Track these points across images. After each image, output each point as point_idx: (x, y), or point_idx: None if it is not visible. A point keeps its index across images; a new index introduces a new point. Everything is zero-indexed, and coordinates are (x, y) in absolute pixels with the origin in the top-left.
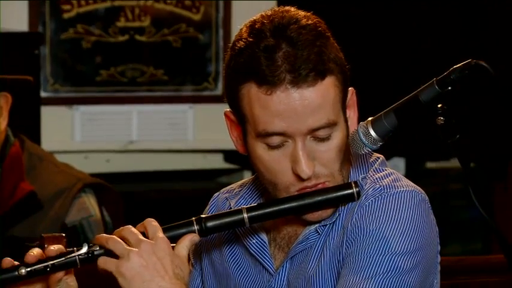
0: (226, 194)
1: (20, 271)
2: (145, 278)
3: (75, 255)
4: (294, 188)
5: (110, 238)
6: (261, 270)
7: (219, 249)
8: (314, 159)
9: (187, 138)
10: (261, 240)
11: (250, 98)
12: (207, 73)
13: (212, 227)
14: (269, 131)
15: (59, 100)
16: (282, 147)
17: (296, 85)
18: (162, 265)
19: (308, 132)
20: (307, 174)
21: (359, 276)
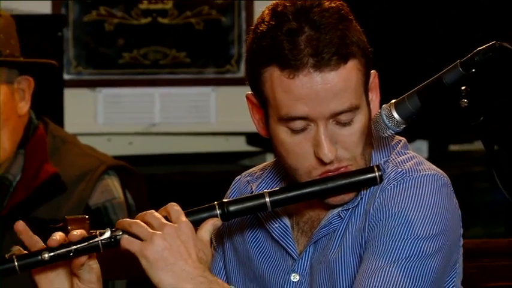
0: (248, 177)
1: (43, 256)
2: (169, 261)
3: (98, 240)
4: (316, 172)
5: (133, 222)
6: (283, 255)
7: (241, 233)
8: (336, 143)
9: (210, 120)
10: (283, 225)
11: (273, 82)
12: (230, 55)
13: (234, 212)
14: (292, 116)
15: (82, 83)
16: (304, 131)
17: (319, 69)
18: (185, 249)
19: (330, 116)
20: (329, 158)
21: (381, 260)
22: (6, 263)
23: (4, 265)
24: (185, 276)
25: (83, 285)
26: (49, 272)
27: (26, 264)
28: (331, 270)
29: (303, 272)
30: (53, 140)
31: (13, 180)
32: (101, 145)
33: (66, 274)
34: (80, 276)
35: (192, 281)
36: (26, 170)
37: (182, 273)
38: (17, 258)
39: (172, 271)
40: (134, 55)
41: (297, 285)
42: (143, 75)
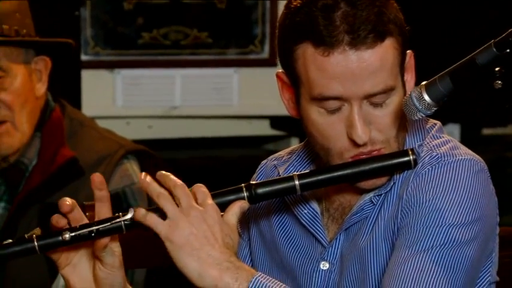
0: (275, 161)
1: (64, 236)
2: (195, 246)
3: (120, 220)
4: (348, 154)
5: (162, 194)
6: (312, 242)
7: (267, 218)
8: (370, 124)
9: (232, 103)
10: (312, 211)
11: (306, 59)
12: (253, 35)
13: (262, 194)
14: (325, 95)
15: (100, 63)
16: (337, 111)
17: (354, 47)
18: (211, 233)
19: (365, 96)
20: (362, 139)
21: (414, 248)
22: (26, 243)
23: (24, 245)
24: (211, 261)
25: (105, 269)
26: (71, 253)
27: (46, 244)
28: (362, 258)
29: (333, 260)
30: (70, 123)
31: (29, 165)
32: (120, 128)
33: (88, 257)
34: (102, 259)
35: (218, 267)
36: (43, 154)
37: (208, 258)
38: (37, 238)
39: (198, 256)
40: (154, 35)
41: (326, 274)
42: (163, 56)
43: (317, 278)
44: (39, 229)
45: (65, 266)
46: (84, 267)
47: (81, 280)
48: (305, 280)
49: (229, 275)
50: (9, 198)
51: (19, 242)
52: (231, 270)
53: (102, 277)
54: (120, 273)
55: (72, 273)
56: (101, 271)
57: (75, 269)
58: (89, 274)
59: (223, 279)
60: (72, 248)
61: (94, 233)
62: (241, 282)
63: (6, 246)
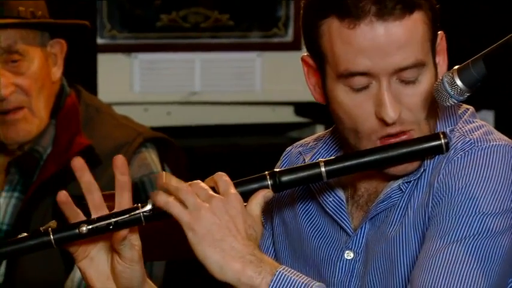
0: (300, 148)
1: (81, 229)
2: (217, 237)
3: (139, 212)
4: (377, 135)
5: (181, 188)
6: (337, 231)
7: (291, 207)
8: (400, 103)
9: (255, 89)
10: (338, 198)
11: (331, 34)
12: (277, 18)
13: (287, 182)
14: (352, 71)
15: (117, 47)
16: (365, 89)
17: (382, 18)
18: (234, 224)
19: (394, 71)
20: (392, 118)
21: (446, 238)
22: (41, 237)
23: (39, 239)
24: (234, 254)
25: (124, 263)
26: (88, 246)
27: (63, 237)
28: (391, 249)
29: (357, 250)
30: (86, 109)
31: (43, 153)
32: (137, 115)
33: (106, 250)
34: (121, 253)
35: (241, 260)
36: (58, 142)
37: (231, 250)
38: (52, 231)
39: (219, 248)
40: (173, 17)
41: (351, 263)
42: (183, 39)
43: (341, 268)
44: (54, 222)
45: (82, 259)
46: (102, 261)
47: (98, 274)
48: (328, 269)
49: (252, 268)
50: (23, 188)
51: (34, 236)
52: (254, 264)
53: (120, 271)
54: (139, 268)
55: (89, 266)
56: (119, 265)
57: (92, 262)
58: (107, 268)
59: (246, 273)
60: (90, 241)
61: (112, 226)
62: (265, 275)
63: (21, 241)
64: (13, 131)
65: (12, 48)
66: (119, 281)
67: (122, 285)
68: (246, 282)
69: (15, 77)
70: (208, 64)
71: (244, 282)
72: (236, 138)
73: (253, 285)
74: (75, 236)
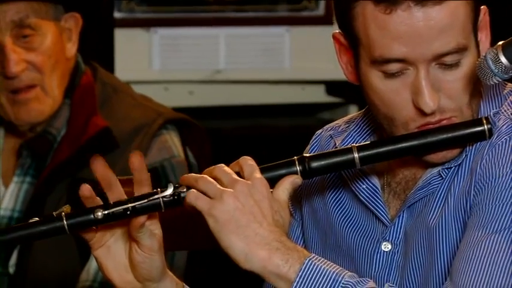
0: (331, 131)
1: (96, 214)
2: (241, 223)
3: (159, 197)
4: (414, 124)
5: (200, 177)
6: (372, 221)
7: (321, 195)
8: (439, 91)
9: (283, 66)
10: (372, 186)
11: (366, 18)
12: None
13: (317, 168)
14: (387, 57)
15: (135, 22)
16: (401, 75)
17: (420, 3)
18: (259, 209)
19: (433, 58)
20: (430, 108)
21: (489, 228)
22: (54, 222)
23: (51, 224)
24: (259, 240)
25: (143, 252)
26: (105, 234)
27: (77, 223)
28: (430, 238)
29: (395, 241)
30: (102, 88)
31: (57, 135)
32: (157, 95)
33: (124, 239)
34: (140, 241)
35: (267, 247)
36: (72, 123)
37: (255, 237)
38: (66, 216)
39: (244, 235)
40: None
41: (388, 256)
42: (206, 13)
43: (378, 260)
44: (68, 206)
45: (98, 248)
46: (120, 250)
47: (115, 264)
48: (364, 262)
49: (279, 256)
50: (36, 172)
51: (46, 221)
52: (281, 251)
53: (139, 261)
54: (159, 257)
55: (106, 255)
56: (137, 254)
57: (109, 252)
58: (125, 258)
59: (272, 261)
60: (107, 228)
61: (129, 211)
62: (293, 264)
63: (32, 225)
64: (24, 111)
65: (24, 22)
66: (137, 271)
67: (141, 277)
68: (273, 271)
69: (27, 53)
70: (234, 40)
71: (270, 270)
72: (263, 120)
73: (280, 274)
74: (90, 221)
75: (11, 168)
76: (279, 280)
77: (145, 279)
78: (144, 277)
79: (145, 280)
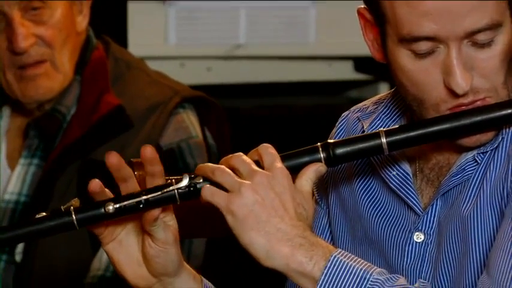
0: (358, 113)
1: (107, 208)
2: (261, 217)
3: (173, 188)
4: (446, 105)
5: (217, 168)
6: (403, 210)
7: (349, 182)
8: (472, 70)
9: (308, 41)
10: (403, 172)
11: None
12: None
13: (342, 155)
14: (416, 35)
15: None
16: (431, 54)
17: None
18: (281, 202)
19: (465, 35)
20: (463, 88)
21: None
22: (62, 217)
23: (59, 219)
24: (281, 236)
25: (157, 246)
26: (116, 227)
27: (86, 218)
28: (464, 228)
29: (429, 231)
30: (115, 64)
31: (67, 114)
32: (173, 71)
33: (136, 232)
34: (154, 234)
35: (289, 243)
36: (83, 101)
37: (277, 233)
38: (75, 210)
39: (264, 230)
40: None
41: (421, 247)
42: None
43: (410, 252)
44: (77, 200)
45: (109, 242)
46: (132, 244)
47: (128, 258)
48: (395, 254)
49: (303, 252)
50: (44, 154)
51: (54, 216)
52: (304, 247)
53: (152, 255)
54: (175, 250)
55: (117, 250)
56: (151, 248)
57: (121, 246)
58: (138, 252)
59: (295, 258)
60: (118, 221)
61: (142, 204)
62: (317, 260)
63: (39, 221)
64: (32, 87)
65: None
66: (151, 266)
67: (156, 271)
68: (296, 269)
69: (35, 26)
70: (255, 12)
71: (293, 268)
72: (286, 98)
73: (304, 271)
74: (100, 216)
75: (17, 150)
76: (303, 278)
77: (160, 274)
78: (159, 272)
79: (161, 275)
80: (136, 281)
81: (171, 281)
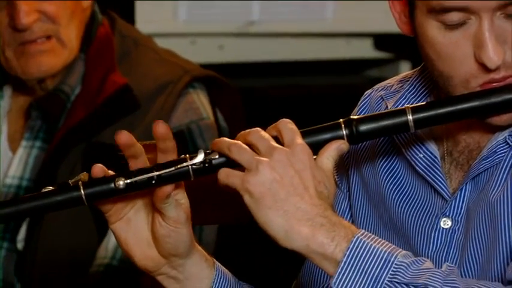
0: (382, 91)
1: (118, 183)
2: (279, 196)
3: (188, 164)
4: (476, 81)
5: (234, 144)
6: (430, 194)
7: (371, 163)
8: (505, 44)
9: (325, 17)
10: (430, 154)
11: None
12: None
13: (366, 132)
14: (446, 6)
15: None
16: (462, 26)
17: None
18: (300, 180)
19: (498, 7)
20: (495, 62)
21: None
22: (70, 191)
23: (67, 193)
24: (300, 216)
25: (168, 225)
26: (125, 205)
27: (95, 193)
28: (493, 214)
29: (456, 217)
30: (121, 41)
31: (71, 94)
32: (183, 49)
33: (146, 210)
34: (165, 213)
35: (309, 223)
36: (88, 80)
37: (296, 212)
38: (83, 185)
39: (283, 210)
40: None
41: (448, 234)
42: None
43: (436, 238)
44: (86, 174)
45: (116, 221)
46: (141, 223)
47: (136, 238)
48: (421, 240)
49: (324, 233)
50: (47, 135)
51: (61, 190)
52: (325, 227)
53: (163, 235)
54: (187, 230)
55: (125, 229)
56: (162, 227)
57: (129, 225)
58: (147, 231)
59: (316, 239)
60: (127, 199)
61: (155, 180)
62: (339, 242)
63: (45, 195)
64: (33, 64)
65: None
66: (162, 246)
67: (166, 252)
68: (317, 250)
69: (39, 3)
70: None
71: (314, 249)
72: (302, 78)
73: (325, 253)
74: (110, 191)
75: (19, 131)
76: (323, 260)
77: (170, 255)
78: (170, 252)
79: (171, 256)
80: (144, 262)
81: (181, 262)
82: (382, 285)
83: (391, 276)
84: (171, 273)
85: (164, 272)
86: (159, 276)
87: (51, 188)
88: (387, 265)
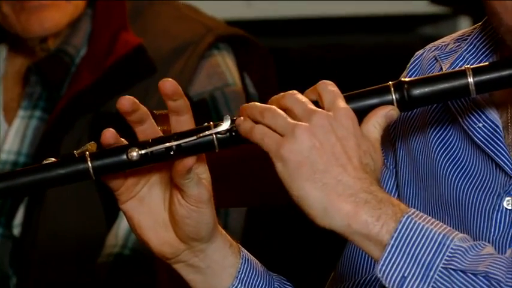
0: (436, 51)
1: (131, 154)
2: (318, 166)
3: (211, 132)
4: None
5: (267, 109)
6: (491, 169)
7: (422, 133)
8: None
9: None
10: (491, 124)
11: None
12: None
13: (419, 97)
14: None
15: None
16: None
17: None
18: (343, 149)
19: None
20: None
21: None
22: (76, 163)
23: (72, 166)
24: (342, 190)
25: (189, 204)
26: (137, 182)
27: (105, 165)
28: None
29: None
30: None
31: (75, 56)
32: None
33: (162, 187)
34: (185, 190)
35: (352, 199)
36: (95, 40)
37: (337, 185)
38: (91, 156)
39: (322, 182)
40: None
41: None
42: None
43: (498, 221)
44: (94, 143)
45: (127, 200)
46: (156, 202)
47: (151, 220)
48: (480, 222)
49: (369, 211)
50: (48, 104)
51: (66, 162)
52: (370, 205)
53: (182, 215)
54: (210, 210)
55: (138, 210)
56: (181, 207)
57: (142, 204)
58: (163, 212)
59: (359, 217)
60: (140, 174)
61: (173, 151)
62: (386, 221)
63: (47, 168)
64: (35, 20)
65: None
66: (181, 229)
67: (185, 235)
68: (359, 230)
69: None
70: None
71: (356, 229)
72: (345, 37)
73: (370, 234)
74: (122, 163)
75: (15, 99)
76: (367, 242)
77: (191, 239)
78: (190, 236)
79: (191, 240)
80: (161, 247)
81: (203, 247)
82: (436, 273)
83: (446, 262)
84: (191, 261)
85: (183, 259)
86: (177, 265)
87: (53, 160)
88: (442, 249)
